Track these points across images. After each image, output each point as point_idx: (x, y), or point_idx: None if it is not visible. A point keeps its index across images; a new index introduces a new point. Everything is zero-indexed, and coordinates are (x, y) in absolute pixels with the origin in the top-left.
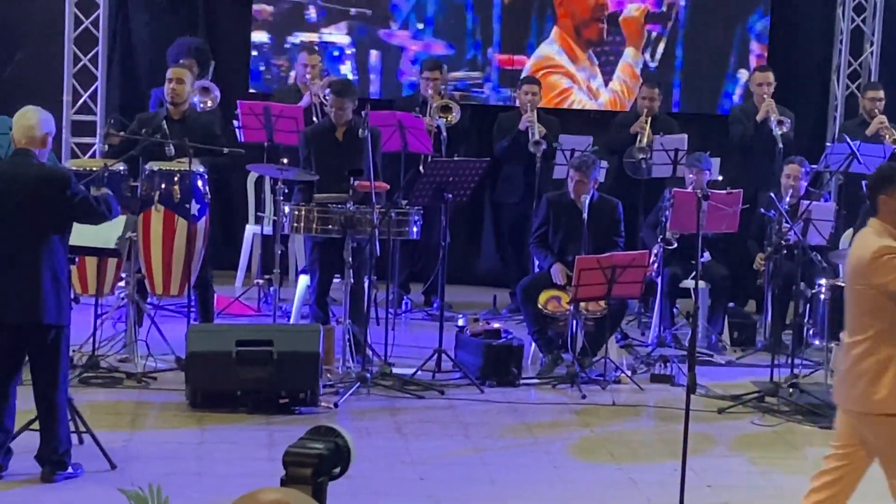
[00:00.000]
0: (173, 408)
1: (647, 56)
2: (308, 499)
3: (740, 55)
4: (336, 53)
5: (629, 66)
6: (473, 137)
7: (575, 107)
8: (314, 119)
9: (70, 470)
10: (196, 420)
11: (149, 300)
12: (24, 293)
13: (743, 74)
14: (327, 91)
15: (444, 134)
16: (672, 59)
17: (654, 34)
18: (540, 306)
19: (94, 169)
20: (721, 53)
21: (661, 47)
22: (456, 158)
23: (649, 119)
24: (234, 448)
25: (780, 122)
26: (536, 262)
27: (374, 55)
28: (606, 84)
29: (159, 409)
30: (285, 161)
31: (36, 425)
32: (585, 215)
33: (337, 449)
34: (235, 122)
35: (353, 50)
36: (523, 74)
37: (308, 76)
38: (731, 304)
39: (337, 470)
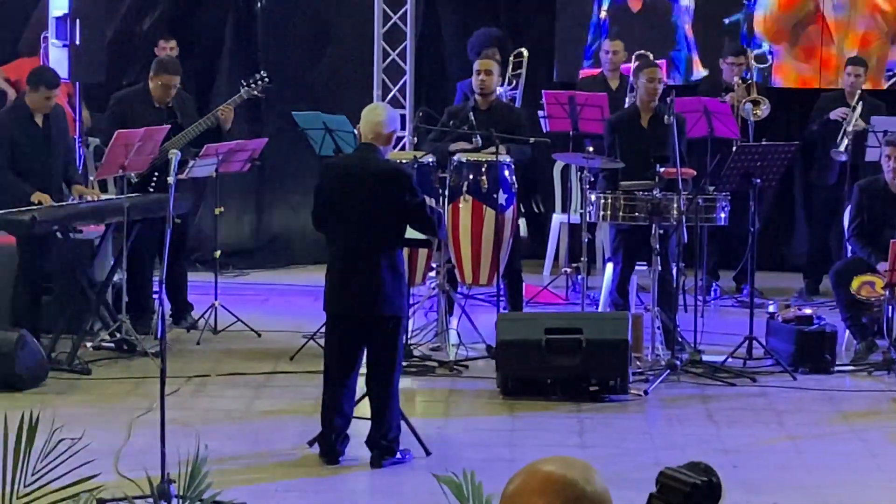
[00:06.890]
0: (485, 395)
1: None
2: (588, 468)
3: None
4: None
5: None
6: (780, 121)
7: None
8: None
9: (398, 456)
10: (507, 407)
11: (459, 289)
12: (367, 286)
13: None
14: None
15: (752, 119)
16: None
17: None
18: (853, 291)
19: (404, 161)
20: None
21: None
22: (764, 143)
23: None
24: (545, 435)
25: None
26: (850, 249)
27: None
28: None
29: (471, 397)
30: (591, 150)
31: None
32: None
33: (710, 486)
34: (540, 112)
35: None
36: None
37: (610, 64)
38: None
39: None
